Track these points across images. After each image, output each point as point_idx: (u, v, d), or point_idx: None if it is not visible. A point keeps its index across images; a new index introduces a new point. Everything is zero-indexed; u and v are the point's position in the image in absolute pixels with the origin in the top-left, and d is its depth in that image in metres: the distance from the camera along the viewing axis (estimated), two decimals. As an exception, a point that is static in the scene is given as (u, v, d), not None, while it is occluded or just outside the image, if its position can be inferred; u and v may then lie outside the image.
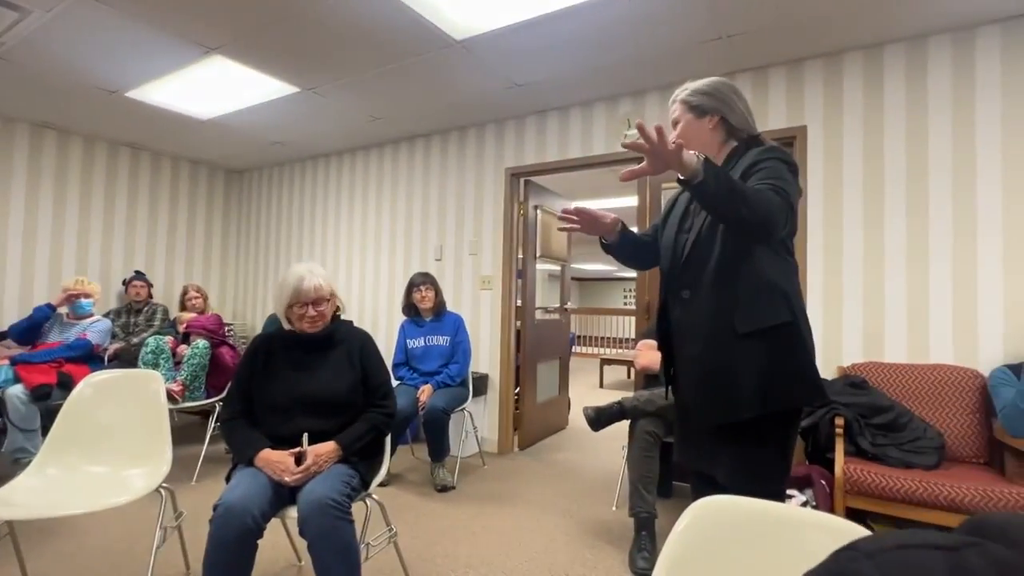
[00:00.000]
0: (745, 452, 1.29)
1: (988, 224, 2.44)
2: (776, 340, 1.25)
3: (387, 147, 4.53)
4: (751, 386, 1.24)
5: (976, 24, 2.49)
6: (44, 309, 3.36)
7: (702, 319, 1.32)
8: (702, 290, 1.33)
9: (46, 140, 4.30)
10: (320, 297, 1.73)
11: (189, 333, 3.40)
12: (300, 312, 1.72)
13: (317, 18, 2.55)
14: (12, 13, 2.56)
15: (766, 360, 1.25)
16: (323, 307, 1.75)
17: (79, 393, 1.98)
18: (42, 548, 2.21)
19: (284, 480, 1.52)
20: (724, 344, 1.28)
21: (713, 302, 1.31)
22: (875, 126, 2.69)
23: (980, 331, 2.43)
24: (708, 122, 1.41)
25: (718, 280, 1.30)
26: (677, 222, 1.47)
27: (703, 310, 1.33)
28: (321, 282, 1.74)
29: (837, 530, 0.82)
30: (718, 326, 1.29)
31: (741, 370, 1.26)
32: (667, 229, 1.51)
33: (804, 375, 1.27)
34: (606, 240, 1.52)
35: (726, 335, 1.28)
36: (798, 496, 2.30)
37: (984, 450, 2.29)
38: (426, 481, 3.14)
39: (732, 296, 1.28)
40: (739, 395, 1.25)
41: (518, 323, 3.93)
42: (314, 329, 1.75)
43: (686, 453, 1.48)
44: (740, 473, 1.29)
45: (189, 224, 5.30)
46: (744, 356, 1.26)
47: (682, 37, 2.67)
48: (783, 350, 1.26)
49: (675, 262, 1.42)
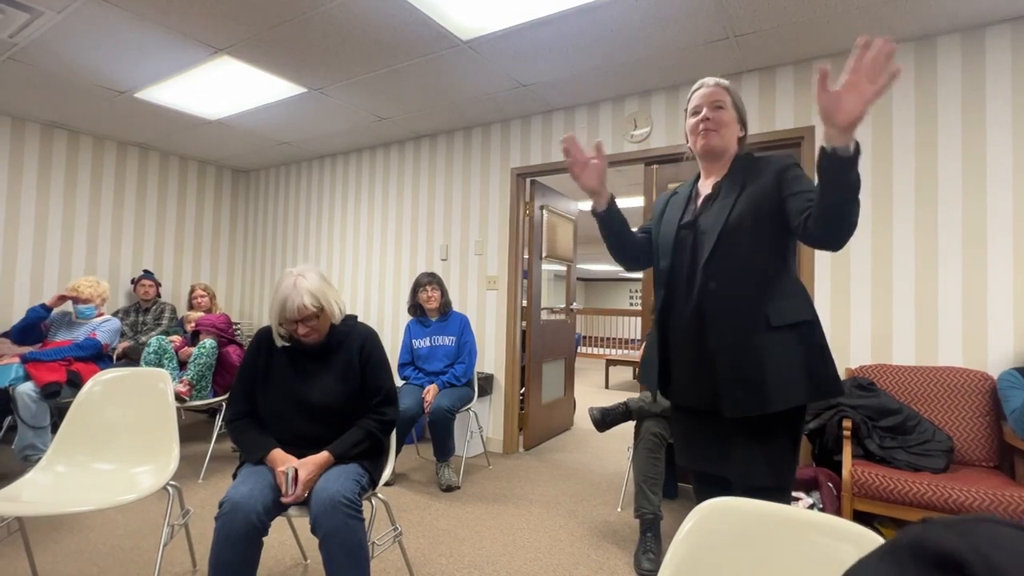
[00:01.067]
0: (760, 446, 1.31)
1: (998, 225, 2.42)
2: (805, 334, 1.30)
3: (393, 147, 4.55)
4: (797, 377, 1.27)
5: (986, 24, 2.46)
6: (38, 310, 3.30)
7: (735, 310, 1.32)
8: (733, 281, 1.33)
9: (56, 140, 4.34)
10: (307, 316, 1.62)
11: (199, 332, 3.41)
12: (291, 328, 1.66)
13: (324, 19, 2.56)
14: (24, 14, 2.58)
15: (803, 351, 1.28)
16: (313, 323, 1.65)
17: (88, 391, 1.99)
18: (51, 544, 2.23)
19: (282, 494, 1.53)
20: (758, 336, 1.29)
21: (746, 292, 1.32)
22: (883, 127, 2.67)
23: (990, 333, 2.41)
24: (739, 130, 1.45)
25: (751, 272, 1.32)
26: (676, 218, 1.47)
27: (735, 302, 1.32)
28: (306, 300, 1.61)
29: (844, 533, 0.81)
30: (751, 317, 1.30)
31: (778, 361, 1.28)
32: (664, 227, 1.51)
33: (831, 365, 1.31)
34: (598, 208, 1.50)
35: (760, 327, 1.29)
36: (805, 499, 2.29)
37: (994, 454, 2.26)
38: (431, 481, 3.14)
39: (768, 288, 1.31)
40: (778, 385, 1.27)
41: (523, 323, 3.93)
42: (311, 341, 1.68)
43: (691, 455, 1.47)
44: (753, 466, 1.31)
45: (197, 223, 5.34)
46: (779, 347, 1.28)
47: (689, 37, 2.66)
48: (814, 343, 1.30)
49: (689, 257, 1.41)
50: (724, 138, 1.41)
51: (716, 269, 1.35)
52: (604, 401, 2.63)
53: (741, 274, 1.32)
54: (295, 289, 1.61)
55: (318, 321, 1.66)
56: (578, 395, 5.02)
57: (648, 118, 3.31)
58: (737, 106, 1.44)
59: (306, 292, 1.61)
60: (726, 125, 1.40)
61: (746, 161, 1.41)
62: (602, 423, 2.59)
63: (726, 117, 1.40)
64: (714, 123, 1.40)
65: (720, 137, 1.40)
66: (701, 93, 1.43)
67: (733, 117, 1.42)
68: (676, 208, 1.50)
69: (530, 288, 3.95)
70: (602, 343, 11.20)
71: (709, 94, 1.42)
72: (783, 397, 1.26)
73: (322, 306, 1.65)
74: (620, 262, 1.63)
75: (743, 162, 1.41)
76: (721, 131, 1.40)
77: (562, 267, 4.76)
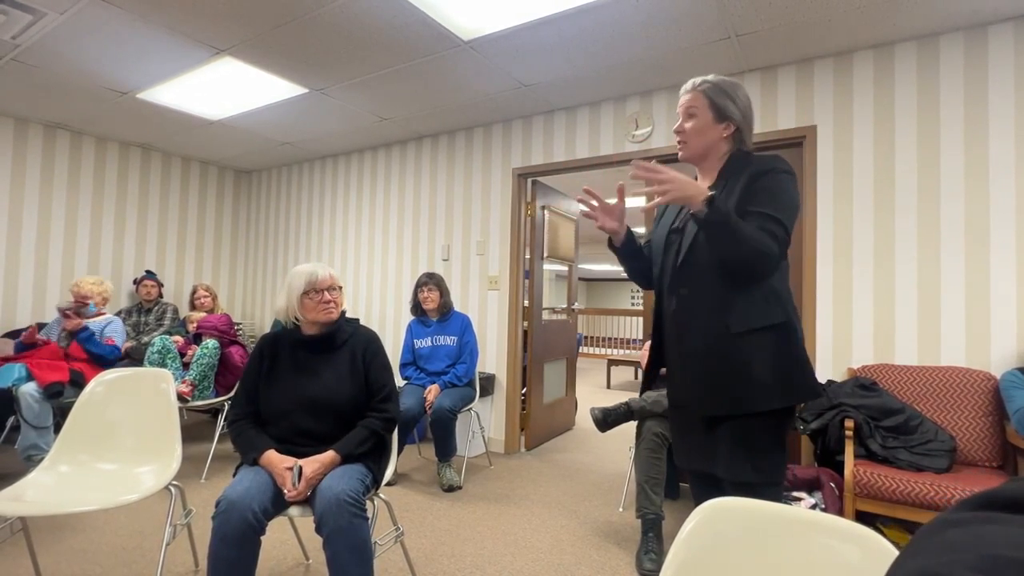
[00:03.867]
0: (743, 444, 1.31)
1: (1001, 223, 2.41)
2: (773, 337, 1.29)
3: (395, 147, 4.55)
4: (762, 380, 1.27)
5: (988, 22, 2.46)
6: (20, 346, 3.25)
7: (702, 316, 1.35)
8: (699, 288, 1.35)
9: (59, 141, 4.35)
10: (333, 284, 1.77)
11: (200, 333, 3.42)
12: (316, 298, 1.73)
13: (325, 20, 2.57)
14: (27, 16, 2.59)
15: (769, 355, 1.28)
16: (336, 294, 1.78)
17: (91, 391, 2.00)
18: (54, 544, 2.24)
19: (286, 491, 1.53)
20: (722, 341, 1.31)
21: (710, 301, 1.33)
22: (886, 126, 2.66)
23: (993, 332, 2.40)
24: (724, 128, 1.39)
25: (714, 280, 1.33)
26: (669, 222, 1.49)
27: (702, 308, 1.35)
28: (333, 272, 1.79)
29: (846, 533, 0.81)
30: (715, 324, 1.32)
31: (748, 364, 1.28)
32: (659, 229, 1.53)
33: (805, 371, 1.32)
34: (615, 242, 1.52)
35: (723, 333, 1.31)
36: (807, 499, 2.29)
37: (997, 454, 2.26)
38: (433, 481, 3.14)
39: (728, 297, 1.31)
40: (747, 388, 1.28)
41: (525, 323, 3.93)
42: (329, 317, 1.75)
43: (684, 452, 1.49)
44: (738, 463, 1.31)
45: (199, 224, 5.35)
46: (747, 351, 1.29)
47: (691, 36, 2.66)
48: (781, 347, 1.29)
49: (672, 260, 1.43)
50: (693, 148, 1.41)
51: (687, 275, 1.38)
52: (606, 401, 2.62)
53: (709, 279, 1.33)
54: (318, 265, 1.78)
55: (338, 295, 1.79)
56: (580, 395, 5.01)
57: (650, 118, 3.30)
58: (717, 105, 1.38)
59: (327, 269, 1.79)
60: (697, 133, 1.39)
61: (740, 161, 1.37)
62: (604, 423, 2.59)
63: (697, 125, 1.39)
64: (683, 135, 1.41)
65: (688, 148, 1.42)
66: (680, 102, 1.44)
67: (708, 120, 1.38)
68: (672, 212, 1.52)
69: (531, 288, 3.95)
70: (604, 343, 11.18)
71: (684, 103, 1.42)
72: (749, 402, 1.28)
73: (342, 286, 1.83)
74: (643, 286, 1.63)
75: (736, 163, 1.38)
76: (690, 142, 1.41)
77: (564, 267, 4.75)
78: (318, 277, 1.74)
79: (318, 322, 1.75)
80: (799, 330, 1.33)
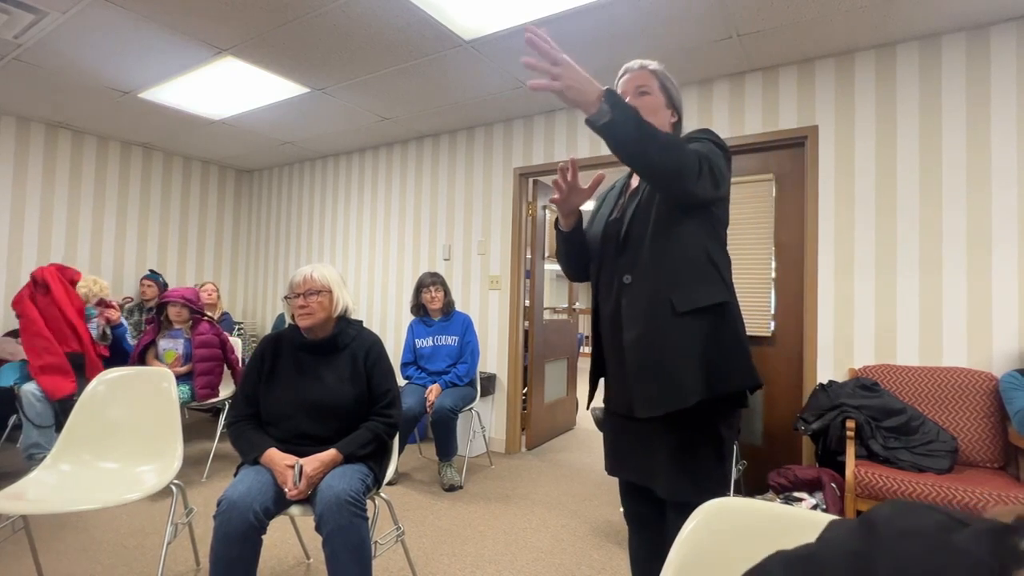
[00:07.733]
0: (682, 460, 1.22)
1: (1003, 224, 2.41)
2: (713, 320, 1.21)
3: (396, 147, 4.55)
4: (693, 369, 1.18)
5: (991, 22, 2.45)
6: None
7: (644, 302, 1.24)
8: (642, 272, 1.25)
9: (61, 140, 4.36)
10: (311, 288, 1.69)
11: (166, 303, 3.17)
12: (295, 303, 1.70)
13: (327, 19, 2.57)
14: (29, 15, 2.60)
15: (704, 341, 1.19)
16: (314, 299, 1.69)
17: (92, 390, 2.00)
18: (55, 543, 2.24)
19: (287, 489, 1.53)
20: (662, 325, 1.21)
21: (653, 281, 1.23)
22: (887, 126, 2.66)
23: (994, 333, 2.40)
24: (671, 115, 1.35)
25: (655, 257, 1.24)
26: (607, 215, 1.40)
27: (645, 292, 1.24)
28: (315, 275, 1.71)
29: (847, 534, 0.81)
30: (658, 306, 1.22)
31: (680, 352, 1.19)
32: (595, 224, 1.44)
33: (741, 357, 1.22)
34: (562, 227, 1.42)
35: (665, 315, 1.21)
36: (808, 499, 2.28)
37: (999, 454, 2.26)
38: (434, 480, 3.15)
39: (671, 272, 1.22)
40: (682, 379, 1.18)
41: (526, 323, 3.93)
42: (305, 323, 1.70)
43: (618, 464, 1.38)
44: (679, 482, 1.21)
45: (200, 224, 5.36)
46: (682, 337, 1.20)
47: (692, 36, 2.65)
48: (720, 331, 1.21)
49: (609, 250, 1.34)
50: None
51: (628, 262, 1.28)
52: (607, 401, 2.65)
53: (650, 264, 1.24)
54: (308, 266, 1.76)
55: (318, 300, 1.70)
56: (580, 395, 5.02)
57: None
58: (667, 89, 1.33)
59: (317, 269, 1.74)
60: (652, 112, 1.29)
61: None
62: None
63: (652, 103, 1.31)
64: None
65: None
66: (624, 80, 1.34)
67: (661, 102, 1.32)
68: (608, 204, 1.43)
69: (533, 288, 3.95)
70: (605, 343, 11.15)
71: (632, 79, 1.32)
72: (689, 391, 1.17)
73: (329, 289, 1.73)
74: (575, 276, 1.52)
75: None
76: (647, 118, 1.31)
77: (565, 267, 4.75)
78: (294, 281, 1.72)
79: (300, 327, 1.73)
80: (739, 311, 1.25)
